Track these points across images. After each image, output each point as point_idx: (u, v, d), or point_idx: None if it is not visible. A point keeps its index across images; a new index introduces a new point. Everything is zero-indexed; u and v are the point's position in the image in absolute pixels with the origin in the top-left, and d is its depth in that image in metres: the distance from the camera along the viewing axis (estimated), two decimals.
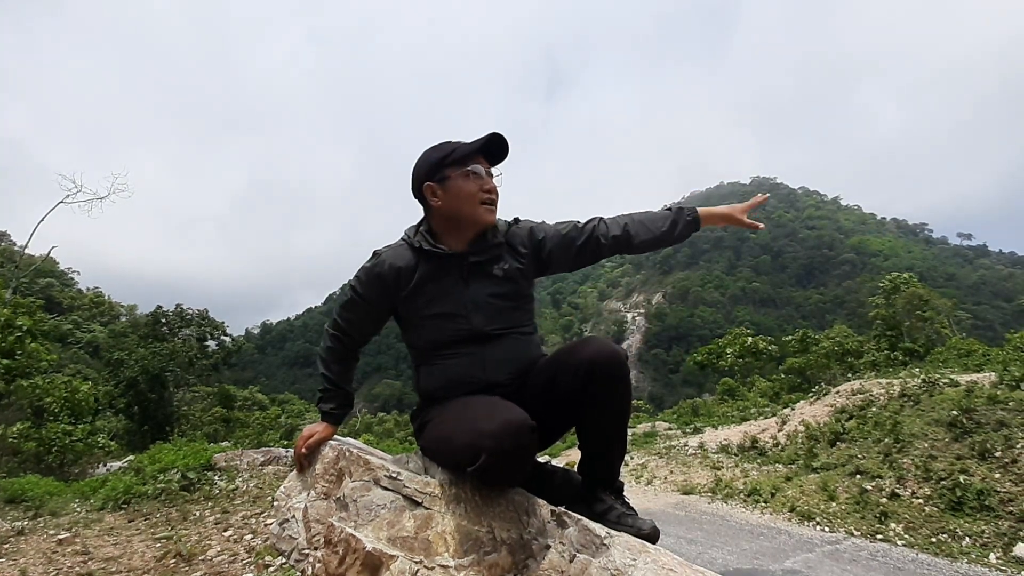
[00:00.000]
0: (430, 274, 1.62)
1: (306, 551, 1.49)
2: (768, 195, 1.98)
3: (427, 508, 1.43)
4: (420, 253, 1.64)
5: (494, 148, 1.64)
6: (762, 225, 1.89)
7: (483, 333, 1.61)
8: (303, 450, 1.68)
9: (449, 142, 1.65)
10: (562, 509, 1.50)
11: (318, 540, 1.47)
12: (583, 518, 1.46)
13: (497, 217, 1.73)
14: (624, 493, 1.68)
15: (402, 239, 1.71)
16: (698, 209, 1.80)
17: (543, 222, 1.78)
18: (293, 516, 1.58)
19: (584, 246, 1.73)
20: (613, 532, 1.42)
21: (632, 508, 1.60)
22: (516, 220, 1.77)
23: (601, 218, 1.76)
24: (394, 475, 1.51)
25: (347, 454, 1.62)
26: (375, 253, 1.69)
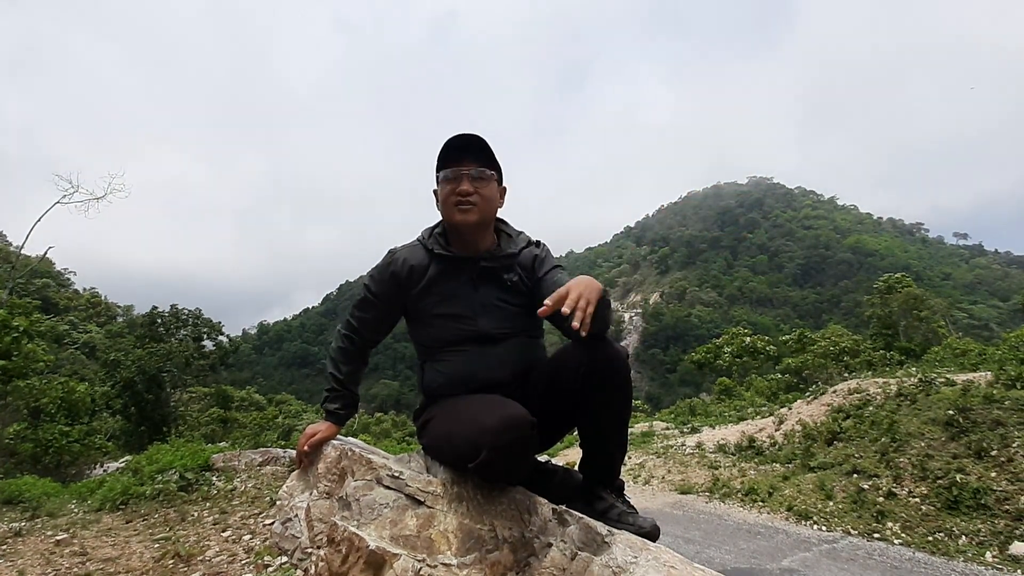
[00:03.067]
0: (441, 275, 1.66)
1: (309, 550, 1.50)
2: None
3: (429, 507, 1.44)
4: (433, 255, 1.67)
5: (465, 149, 1.63)
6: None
7: (489, 335, 1.64)
8: (305, 448, 1.70)
9: None
10: (563, 507, 1.51)
11: (321, 539, 1.48)
12: (584, 516, 1.48)
13: (519, 230, 1.77)
14: (624, 491, 1.69)
15: (417, 239, 1.74)
16: None
17: (557, 267, 1.73)
18: (296, 515, 1.58)
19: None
20: (614, 530, 1.43)
21: (633, 506, 1.62)
22: (537, 243, 1.78)
23: None
24: (396, 474, 1.52)
25: (349, 453, 1.63)
26: (390, 251, 1.73)
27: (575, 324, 1.26)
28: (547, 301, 1.31)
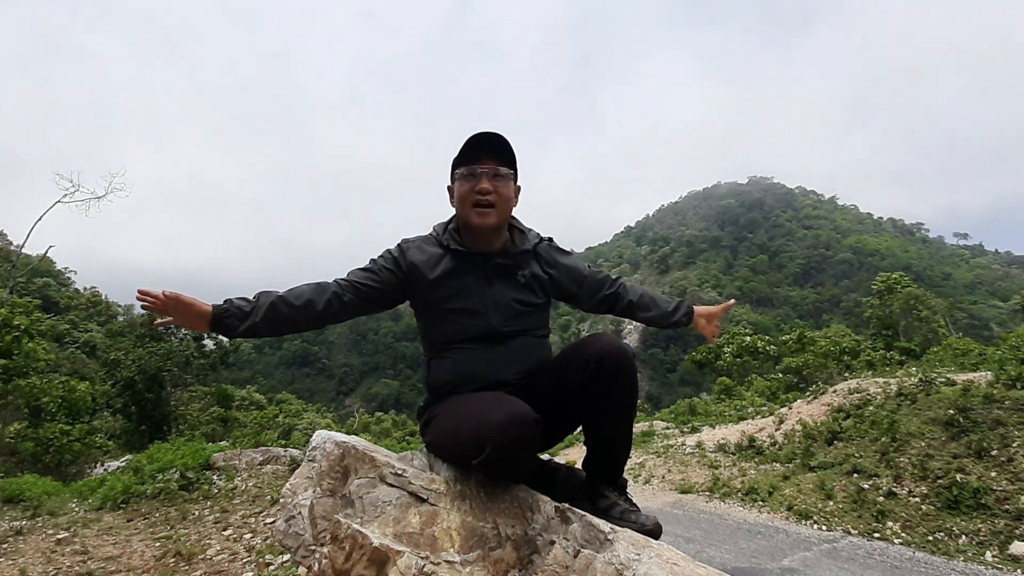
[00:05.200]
0: (455, 270, 1.66)
1: (312, 547, 1.50)
2: (733, 301, 2.23)
3: (432, 504, 1.45)
4: (448, 250, 1.68)
5: (483, 147, 1.64)
6: (716, 342, 2.18)
7: (498, 332, 1.65)
8: (163, 295, 1.47)
9: None
10: (566, 505, 1.51)
11: (324, 536, 1.48)
12: (587, 514, 1.48)
13: (528, 227, 1.80)
14: (627, 490, 1.70)
15: (430, 234, 1.75)
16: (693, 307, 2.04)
17: (573, 252, 1.90)
18: (299, 513, 1.59)
19: (607, 297, 1.90)
20: (617, 528, 1.44)
21: (635, 504, 1.62)
22: (550, 239, 1.84)
23: (623, 281, 1.94)
24: (399, 472, 1.53)
25: (352, 451, 1.63)
26: (402, 240, 1.75)
27: None
28: None
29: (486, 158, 1.64)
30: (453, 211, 1.78)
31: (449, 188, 1.73)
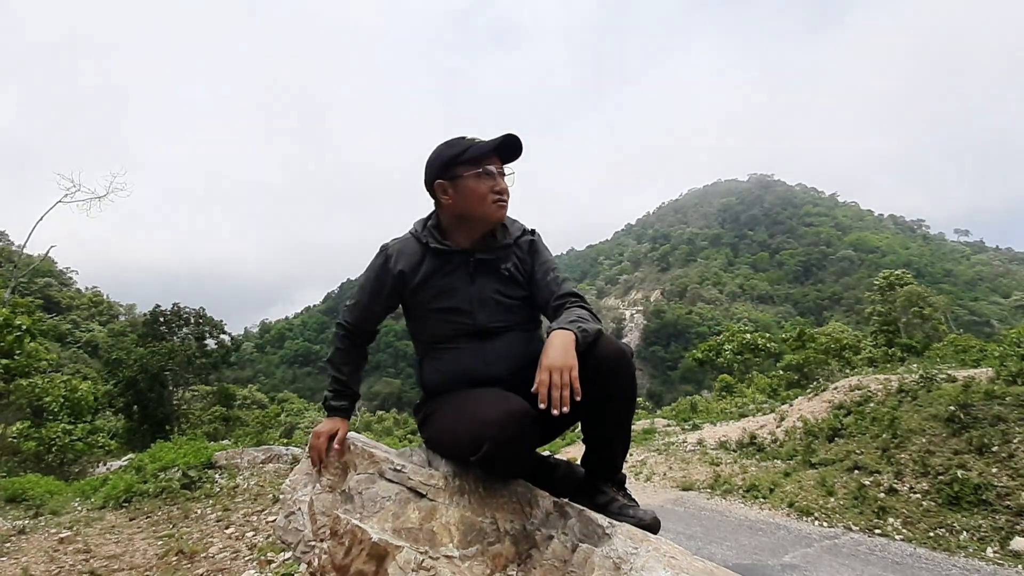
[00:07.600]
0: (437, 269, 1.66)
1: (312, 543, 1.51)
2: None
3: (431, 500, 1.45)
4: (428, 248, 1.67)
5: (508, 148, 1.66)
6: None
7: (486, 329, 1.64)
8: (336, 447, 1.67)
9: (464, 139, 1.67)
10: (565, 500, 1.52)
11: (324, 532, 1.49)
12: (585, 509, 1.49)
13: (513, 219, 1.77)
14: (626, 485, 1.70)
15: (410, 232, 1.74)
16: None
17: (552, 269, 1.73)
18: (299, 509, 1.60)
19: (549, 306, 1.68)
20: (615, 522, 1.44)
21: (634, 499, 1.62)
22: (533, 231, 1.79)
23: (574, 303, 1.65)
24: (399, 467, 1.53)
25: (352, 447, 1.64)
26: (382, 248, 1.73)
27: (554, 411, 1.32)
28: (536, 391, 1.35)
29: (506, 158, 1.67)
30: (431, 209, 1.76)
31: (441, 183, 1.66)
